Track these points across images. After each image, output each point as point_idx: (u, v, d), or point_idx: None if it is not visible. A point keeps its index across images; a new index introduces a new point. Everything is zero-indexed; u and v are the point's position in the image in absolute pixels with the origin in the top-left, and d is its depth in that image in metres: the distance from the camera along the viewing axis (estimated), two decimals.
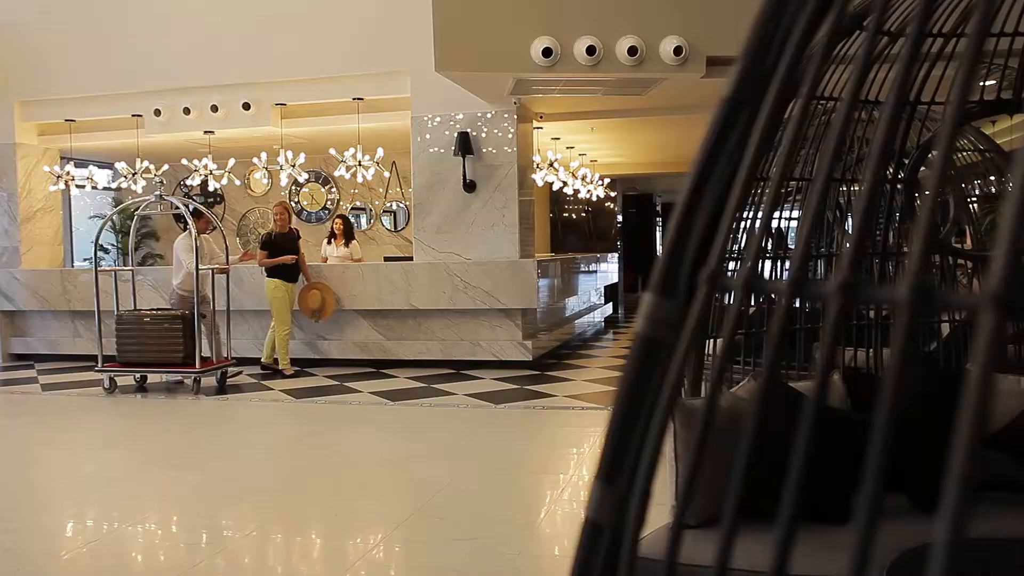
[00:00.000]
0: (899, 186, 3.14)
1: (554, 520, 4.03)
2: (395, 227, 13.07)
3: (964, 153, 4.93)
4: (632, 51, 6.81)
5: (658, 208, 23.68)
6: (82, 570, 3.51)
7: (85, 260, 13.01)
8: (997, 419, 2.52)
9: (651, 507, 0.56)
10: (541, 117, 9.39)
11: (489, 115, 8.71)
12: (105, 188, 12.65)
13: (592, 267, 12.42)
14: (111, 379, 7.62)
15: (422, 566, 3.45)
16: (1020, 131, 8.32)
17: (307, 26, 9.08)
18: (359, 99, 9.10)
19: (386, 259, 10.76)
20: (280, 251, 8.07)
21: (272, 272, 8.06)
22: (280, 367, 8.20)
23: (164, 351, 7.36)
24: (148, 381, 7.86)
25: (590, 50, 6.83)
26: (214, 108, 9.48)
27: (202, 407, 7.07)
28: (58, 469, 5.32)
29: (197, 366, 7.26)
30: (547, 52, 6.85)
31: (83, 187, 10.73)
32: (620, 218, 19.55)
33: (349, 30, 8.91)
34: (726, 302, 2.69)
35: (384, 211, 13.02)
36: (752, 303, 3.27)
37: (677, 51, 6.74)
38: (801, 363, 3.17)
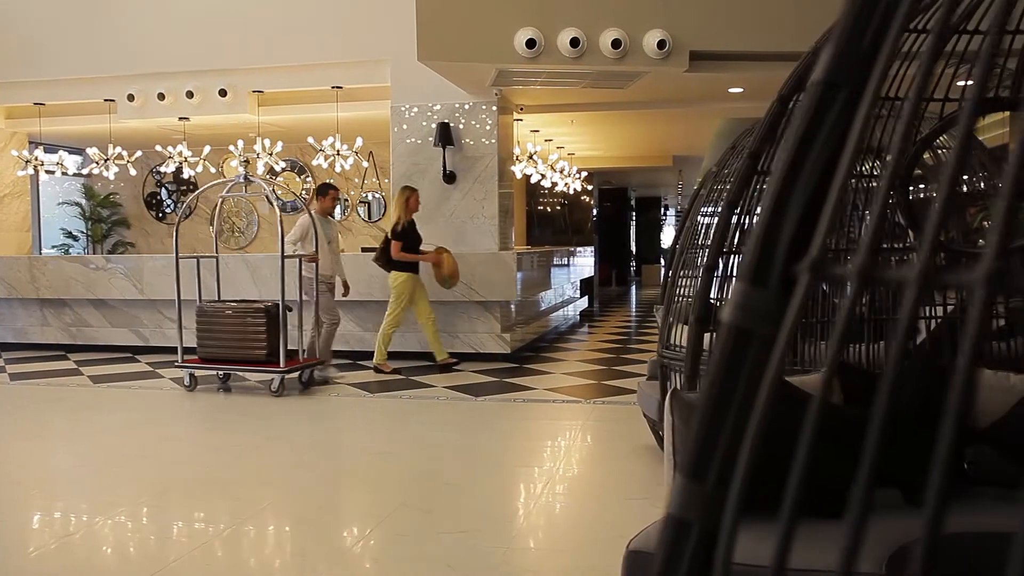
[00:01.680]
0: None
1: (539, 512, 4.02)
2: (370, 217, 13.00)
3: (946, 151, 4.98)
4: (616, 44, 6.80)
5: (632, 203, 23.75)
6: (54, 566, 3.43)
7: (53, 248, 12.77)
8: (988, 415, 2.54)
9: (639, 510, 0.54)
10: (521, 109, 9.35)
11: (467, 106, 8.66)
12: (75, 174, 12.41)
13: (568, 260, 12.43)
14: (191, 375, 7.07)
15: (411, 560, 3.42)
16: (1000, 128, 8.45)
17: (286, 12, 8.95)
18: (338, 88, 9.00)
19: (363, 250, 10.66)
20: (414, 241, 7.72)
21: (401, 264, 7.65)
22: (438, 360, 7.86)
23: (245, 348, 6.79)
24: (231, 379, 7.36)
25: (574, 42, 6.81)
26: (189, 94, 9.32)
27: (174, 399, 6.96)
28: (29, 461, 5.21)
29: (282, 365, 6.71)
30: (531, 43, 6.82)
31: (52, 173, 10.50)
32: (596, 212, 19.59)
33: (329, 17, 8.80)
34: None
35: (360, 201, 12.94)
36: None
37: (661, 45, 6.75)
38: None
